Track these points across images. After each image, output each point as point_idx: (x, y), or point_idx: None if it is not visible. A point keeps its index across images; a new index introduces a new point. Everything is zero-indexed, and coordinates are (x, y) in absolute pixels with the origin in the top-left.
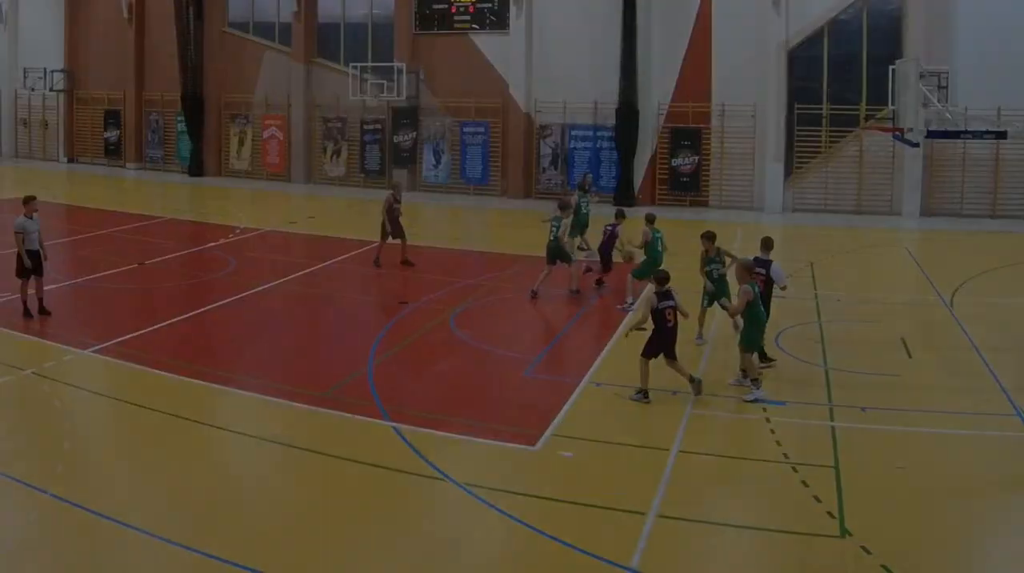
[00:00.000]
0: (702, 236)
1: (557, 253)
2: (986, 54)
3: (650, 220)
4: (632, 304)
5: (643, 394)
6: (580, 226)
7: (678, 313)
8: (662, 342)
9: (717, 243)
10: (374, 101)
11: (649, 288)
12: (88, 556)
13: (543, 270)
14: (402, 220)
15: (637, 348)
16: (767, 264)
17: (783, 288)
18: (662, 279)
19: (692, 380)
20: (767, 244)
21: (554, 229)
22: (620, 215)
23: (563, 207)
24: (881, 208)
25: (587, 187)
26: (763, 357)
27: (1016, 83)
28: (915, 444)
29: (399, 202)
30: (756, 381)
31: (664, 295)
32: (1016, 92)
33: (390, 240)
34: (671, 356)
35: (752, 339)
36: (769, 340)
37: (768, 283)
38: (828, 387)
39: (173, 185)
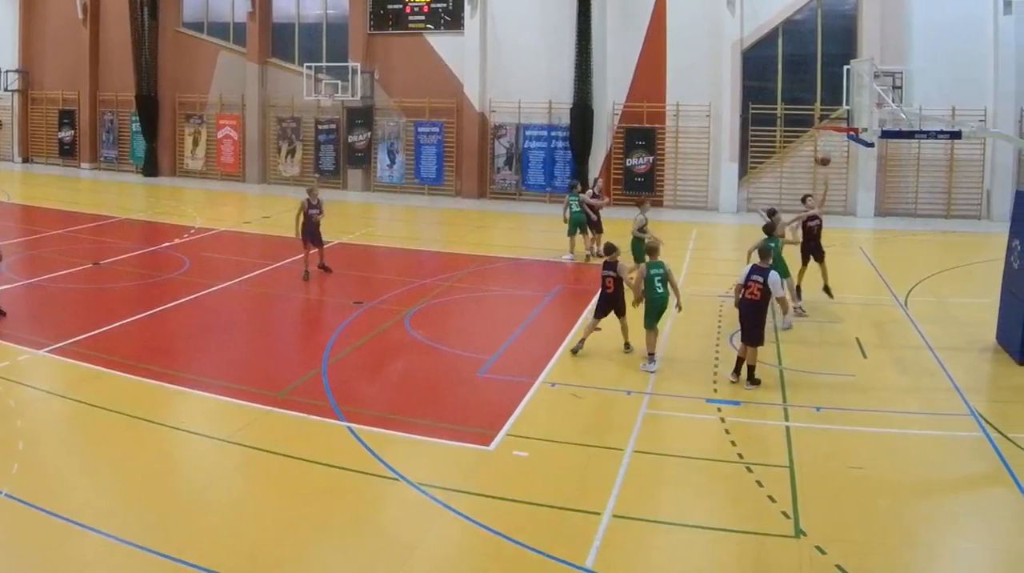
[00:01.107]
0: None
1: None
2: (940, 54)
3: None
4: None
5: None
6: (573, 224)
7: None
8: (601, 304)
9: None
10: (328, 101)
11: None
12: (43, 556)
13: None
14: (322, 226)
15: (588, 350)
16: (764, 273)
17: (779, 299)
18: (609, 250)
19: (626, 346)
20: (764, 254)
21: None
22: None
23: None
24: (835, 208)
25: (580, 188)
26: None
27: (970, 83)
28: (870, 444)
29: (316, 207)
30: (651, 354)
31: (608, 265)
32: (970, 92)
33: (313, 248)
34: (619, 314)
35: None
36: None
37: (764, 292)
38: (783, 387)
39: (128, 185)
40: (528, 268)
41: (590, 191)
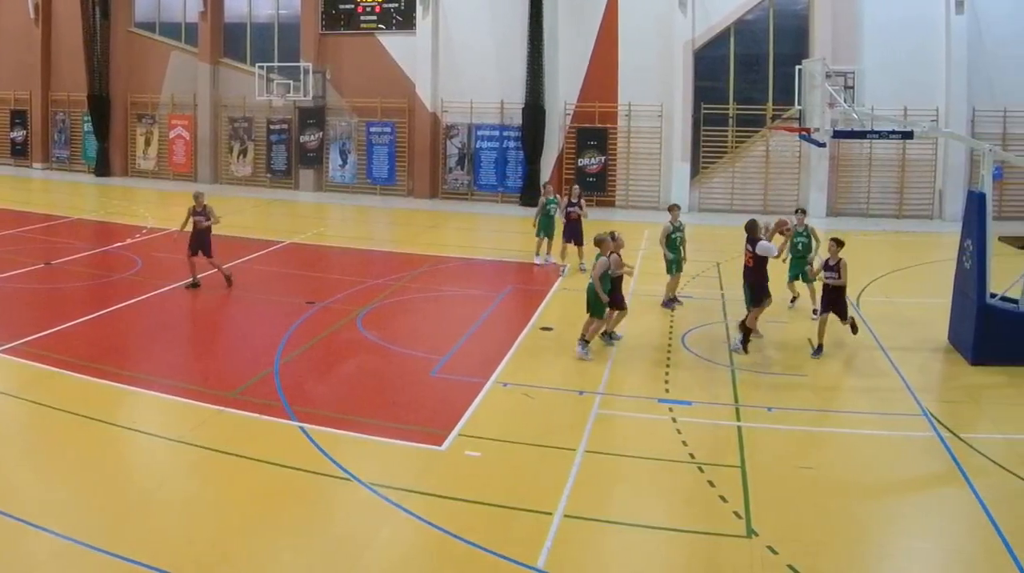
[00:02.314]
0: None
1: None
2: (892, 54)
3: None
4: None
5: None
6: (544, 226)
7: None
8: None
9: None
10: (280, 101)
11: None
12: None
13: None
14: (213, 234)
15: (539, 350)
16: (754, 241)
17: (779, 257)
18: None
19: (610, 336)
20: (749, 229)
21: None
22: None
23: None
24: (787, 208)
25: (553, 192)
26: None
27: (922, 83)
28: (821, 444)
29: (202, 214)
30: (586, 341)
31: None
32: (922, 92)
33: (200, 257)
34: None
35: (597, 308)
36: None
37: (756, 258)
38: (734, 387)
39: (80, 185)
40: (480, 268)
41: (566, 199)
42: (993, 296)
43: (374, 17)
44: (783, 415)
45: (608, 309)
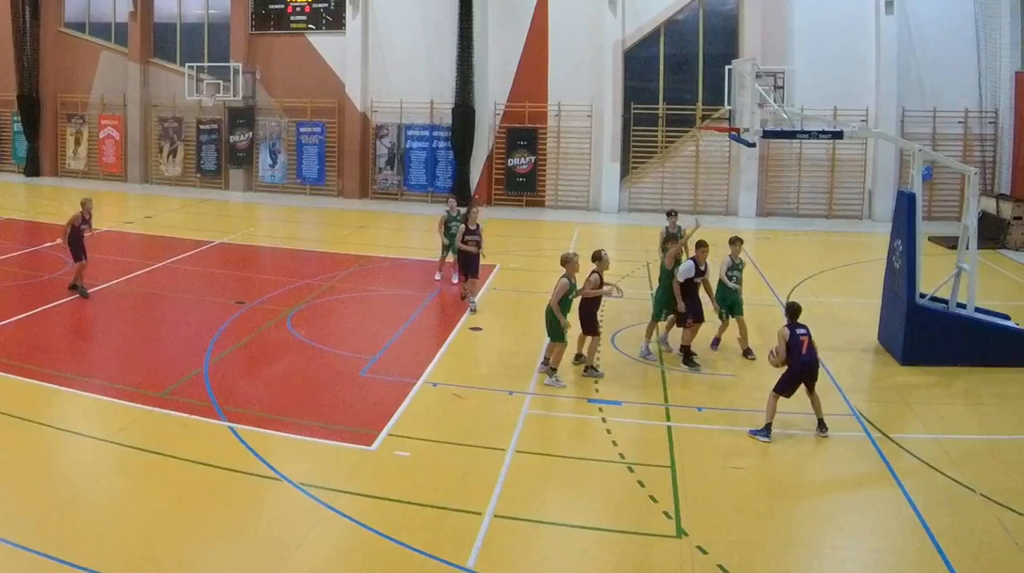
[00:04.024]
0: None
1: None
2: (822, 54)
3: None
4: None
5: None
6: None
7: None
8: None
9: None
10: (210, 101)
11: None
12: None
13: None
14: (87, 241)
15: (469, 350)
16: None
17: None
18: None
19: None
20: (699, 245)
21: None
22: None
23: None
24: (717, 208)
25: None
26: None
27: (852, 83)
28: (751, 444)
29: (87, 222)
30: (553, 369)
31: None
32: (852, 92)
33: (80, 262)
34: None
35: (555, 332)
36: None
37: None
38: (664, 387)
39: (9, 185)
40: (410, 268)
41: (463, 227)
42: (923, 296)
43: (304, 17)
44: (713, 415)
45: (587, 335)
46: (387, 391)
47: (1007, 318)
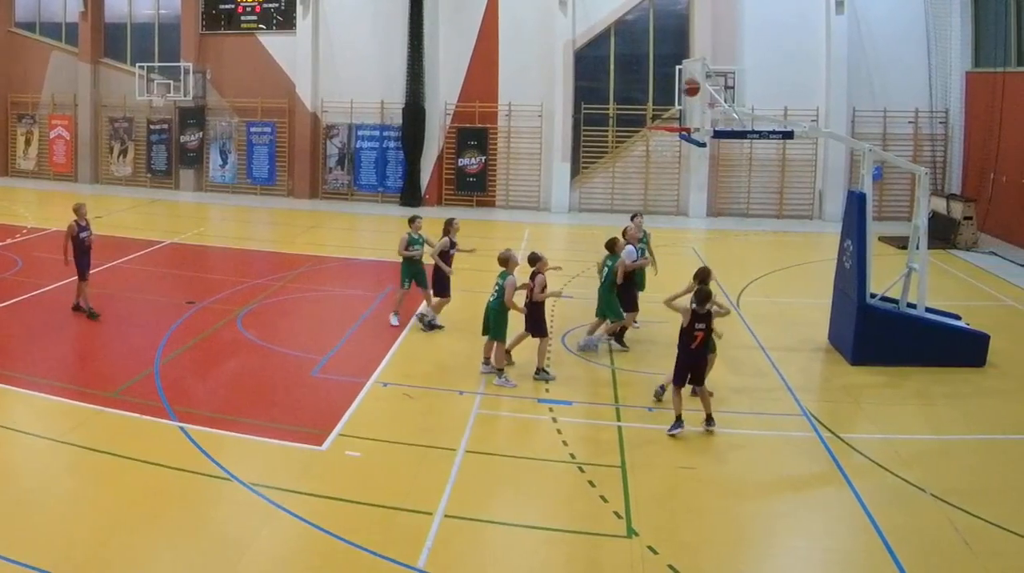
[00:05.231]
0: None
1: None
2: (773, 54)
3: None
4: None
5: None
6: (410, 274)
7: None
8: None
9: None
10: (160, 101)
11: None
12: None
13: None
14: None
15: (419, 350)
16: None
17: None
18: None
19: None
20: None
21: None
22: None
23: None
24: (668, 208)
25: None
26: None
27: (803, 83)
28: (701, 444)
29: (87, 228)
30: (500, 370)
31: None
32: (803, 92)
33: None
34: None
35: (497, 329)
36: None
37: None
38: (615, 387)
39: None
40: (360, 268)
41: (446, 239)
42: (873, 296)
43: (254, 17)
44: (663, 415)
45: (535, 337)
46: (338, 391)
47: (958, 318)
